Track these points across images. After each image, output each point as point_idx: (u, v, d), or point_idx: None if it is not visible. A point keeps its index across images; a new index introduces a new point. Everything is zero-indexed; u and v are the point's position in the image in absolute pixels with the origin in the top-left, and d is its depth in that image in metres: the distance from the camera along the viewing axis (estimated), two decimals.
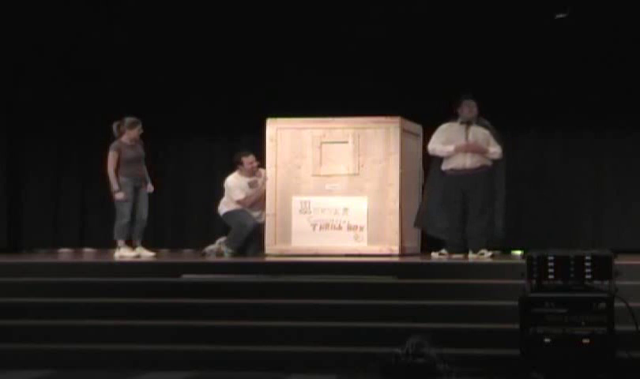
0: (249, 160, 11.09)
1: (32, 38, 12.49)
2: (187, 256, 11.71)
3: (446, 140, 10.38)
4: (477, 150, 10.29)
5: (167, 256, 11.39)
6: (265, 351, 7.83)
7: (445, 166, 10.40)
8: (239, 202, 11.06)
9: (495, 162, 10.36)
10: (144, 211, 10.66)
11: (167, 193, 12.73)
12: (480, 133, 10.35)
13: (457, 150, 10.28)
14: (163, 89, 12.49)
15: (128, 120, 10.69)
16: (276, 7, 11.95)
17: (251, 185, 11.13)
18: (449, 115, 10.52)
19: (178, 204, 13.00)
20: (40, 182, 13.16)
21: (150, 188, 10.81)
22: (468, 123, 10.34)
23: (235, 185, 11.10)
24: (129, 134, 10.67)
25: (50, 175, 13.22)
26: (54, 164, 13.23)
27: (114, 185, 10.52)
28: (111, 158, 10.56)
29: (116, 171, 10.53)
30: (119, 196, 10.52)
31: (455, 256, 10.18)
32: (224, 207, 11.15)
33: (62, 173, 13.25)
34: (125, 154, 10.59)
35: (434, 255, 10.28)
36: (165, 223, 12.86)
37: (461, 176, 10.28)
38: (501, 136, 10.45)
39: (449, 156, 10.34)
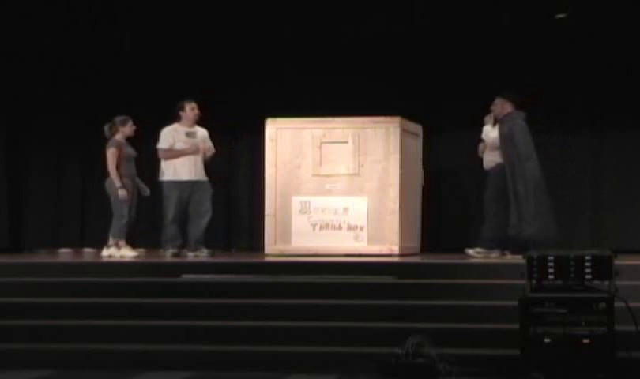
0: (192, 106, 10.83)
1: (32, 38, 12.48)
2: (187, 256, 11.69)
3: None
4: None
5: (167, 256, 11.37)
6: (265, 351, 7.83)
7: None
8: (161, 151, 10.75)
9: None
10: (134, 210, 10.69)
11: None
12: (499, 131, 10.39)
13: (480, 150, 10.66)
14: (163, 89, 12.48)
15: (119, 118, 10.67)
16: (276, 7, 11.94)
17: (189, 135, 10.84)
18: (449, 115, 10.52)
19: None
20: (40, 182, 13.16)
21: (146, 191, 10.78)
22: (495, 121, 10.47)
23: (169, 134, 10.76)
24: (123, 132, 10.66)
25: (51, 175, 13.21)
26: (54, 164, 13.23)
27: (117, 183, 10.46)
28: (112, 155, 10.50)
29: (117, 169, 10.52)
30: (122, 193, 10.46)
31: (487, 253, 10.18)
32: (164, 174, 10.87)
33: (62, 173, 13.25)
34: (123, 151, 10.58)
35: (470, 252, 10.27)
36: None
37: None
38: (529, 137, 10.27)
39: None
